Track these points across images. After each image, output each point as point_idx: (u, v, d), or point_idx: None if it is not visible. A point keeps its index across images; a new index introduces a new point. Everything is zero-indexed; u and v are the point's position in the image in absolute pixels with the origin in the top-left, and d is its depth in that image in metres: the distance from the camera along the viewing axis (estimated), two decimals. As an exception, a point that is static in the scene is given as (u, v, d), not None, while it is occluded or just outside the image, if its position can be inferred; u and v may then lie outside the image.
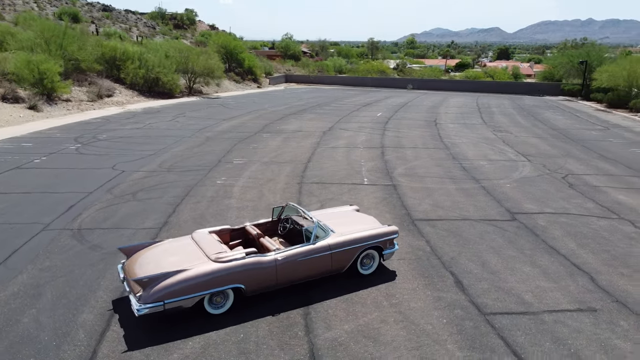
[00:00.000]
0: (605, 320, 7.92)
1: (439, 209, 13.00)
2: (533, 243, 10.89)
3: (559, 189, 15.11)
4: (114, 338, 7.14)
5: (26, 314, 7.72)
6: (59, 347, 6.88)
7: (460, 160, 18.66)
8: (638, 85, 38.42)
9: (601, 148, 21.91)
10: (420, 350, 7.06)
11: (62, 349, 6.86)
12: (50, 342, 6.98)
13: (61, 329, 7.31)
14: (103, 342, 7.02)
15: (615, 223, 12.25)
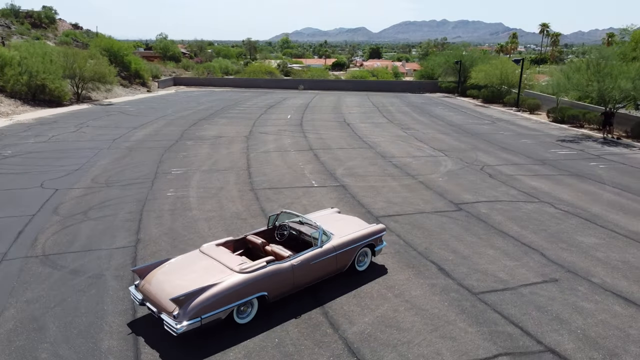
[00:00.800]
0: (567, 287, 9.52)
1: (394, 205, 14.14)
2: (484, 229, 12.43)
3: (483, 179, 17.12)
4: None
5: (40, 349, 7.31)
6: (104, 377, 6.69)
7: (389, 158, 20.11)
8: (508, 83, 43.64)
9: (498, 140, 24.89)
10: (439, 331, 7.98)
11: (108, 378, 6.68)
12: (91, 374, 6.75)
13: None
14: (147, 366, 6.95)
15: (539, 206, 14.36)
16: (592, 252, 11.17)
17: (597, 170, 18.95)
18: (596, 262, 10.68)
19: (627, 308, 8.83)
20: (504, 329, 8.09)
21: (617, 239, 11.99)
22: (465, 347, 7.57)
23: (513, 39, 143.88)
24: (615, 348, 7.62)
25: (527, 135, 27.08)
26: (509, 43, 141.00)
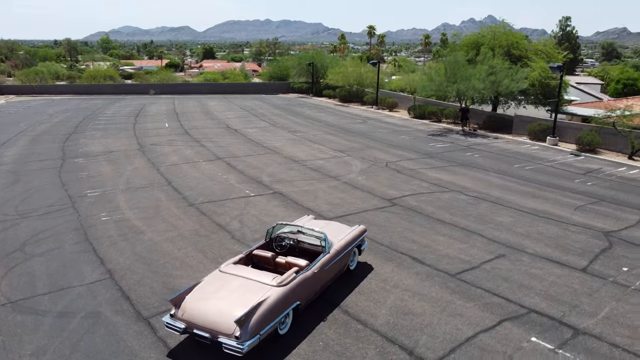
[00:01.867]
0: (514, 259, 11.65)
1: (337, 206, 15.22)
2: (424, 219, 14.22)
3: (394, 175, 19.11)
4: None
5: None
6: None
7: (300, 162, 21.05)
8: (363, 84, 47.43)
9: (381, 138, 27.46)
10: (447, 310, 9.34)
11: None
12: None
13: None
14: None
15: (453, 195, 16.72)
16: (514, 229, 13.62)
17: (476, 159, 22.36)
18: (521, 236, 13.10)
19: (563, 269, 11.20)
20: (491, 300, 9.75)
21: (524, 216, 14.72)
22: (474, 319, 9.02)
23: (343, 40, 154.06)
24: (572, 301, 9.77)
25: (401, 131, 30.26)
26: (341, 44, 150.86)
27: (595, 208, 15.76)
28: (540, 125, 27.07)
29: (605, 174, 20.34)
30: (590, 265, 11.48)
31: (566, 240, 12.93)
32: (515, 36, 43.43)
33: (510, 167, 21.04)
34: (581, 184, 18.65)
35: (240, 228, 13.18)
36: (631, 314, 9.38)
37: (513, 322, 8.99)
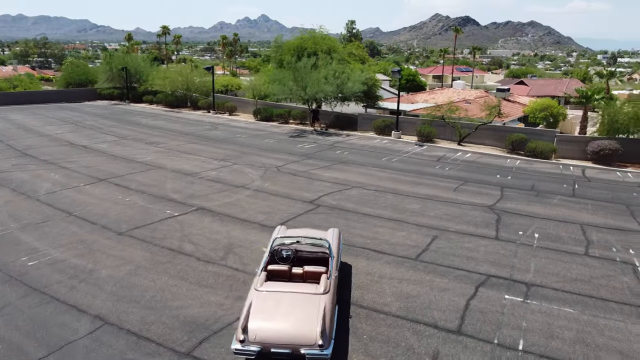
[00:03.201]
0: (447, 238, 14.12)
1: (270, 214, 15.85)
2: (354, 215, 15.87)
3: (293, 178, 20.31)
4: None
5: None
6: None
7: (193, 175, 20.61)
8: (189, 89, 46.61)
9: (249, 143, 28.15)
10: (435, 289, 11.18)
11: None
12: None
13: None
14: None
15: (357, 190, 18.74)
16: (426, 213, 16.22)
17: (348, 156, 24.86)
18: (436, 219, 15.73)
19: (484, 240, 14.06)
20: (457, 273, 11.94)
21: (425, 202, 17.49)
22: (458, 291, 11.05)
23: (134, 41, 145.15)
24: (508, 263, 12.56)
25: (260, 135, 31.32)
26: (134, 44, 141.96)
27: (466, 188, 19.46)
28: (384, 121, 31.07)
29: (451, 159, 24.80)
30: (498, 234, 14.57)
31: (468, 217, 15.97)
32: (332, 40, 47.99)
33: (380, 161, 24.05)
34: (441, 169, 22.52)
35: (197, 249, 12.97)
36: (549, 265, 12.51)
37: (484, 287, 11.25)
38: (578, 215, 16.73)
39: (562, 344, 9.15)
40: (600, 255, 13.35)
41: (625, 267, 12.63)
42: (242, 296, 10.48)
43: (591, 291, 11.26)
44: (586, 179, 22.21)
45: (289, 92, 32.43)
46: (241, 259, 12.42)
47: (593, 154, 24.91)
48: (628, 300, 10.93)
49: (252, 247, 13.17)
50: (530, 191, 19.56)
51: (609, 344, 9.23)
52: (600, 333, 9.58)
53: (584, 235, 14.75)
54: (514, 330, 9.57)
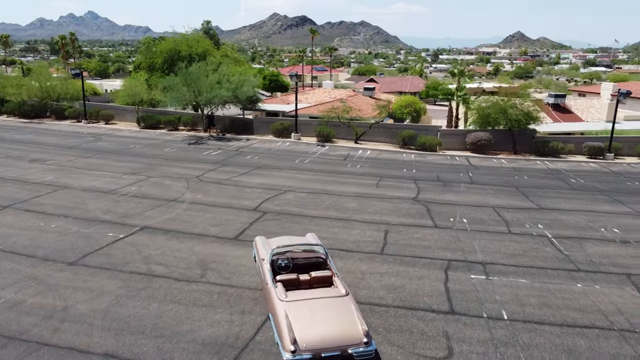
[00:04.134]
0: (397, 231, 15.52)
1: (223, 226, 15.71)
2: (303, 218, 16.49)
3: (221, 187, 20.13)
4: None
5: None
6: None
7: (108, 192, 19.12)
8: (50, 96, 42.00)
9: (151, 153, 26.76)
10: (413, 277, 12.43)
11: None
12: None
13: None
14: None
15: (294, 194, 19.32)
16: (366, 210, 17.50)
17: (261, 161, 25.17)
18: (377, 214, 17.09)
19: (426, 229, 15.76)
20: (423, 261, 13.35)
21: (359, 200, 18.82)
22: (433, 276, 12.44)
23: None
24: (459, 248, 14.34)
25: (156, 144, 29.87)
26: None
27: (385, 183, 21.24)
28: (282, 124, 31.77)
29: (357, 157, 26.54)
30: (435, 222, 16.41)
31: (402, 210, 17.62)
32: (206, 43, 47.18)
33: (294, 163, 24.84)
34: (354, 167, 24.11)
35: (170, 270, 12.51)
36: (489, 245, 14.59)
37: (451, 270, 12.82)
38: (485, 199, 19.41)
39: (534, 309, 10.98)
40: (520, 232, 15.86)
41: (543, 240, 15.23)
42: (247, 310, 10.59)
43: (530, 262, 13.47)
44: (474, 167, 25.56)
45: (183, 99, 31.37)
46: (221, 274, 12.31)
47: (471, 144, 28.62)
48: (559, 266, 13.33)
49: (225, 261, 13.08)
50: (437, 182, 22.00)
51: (565, 303, 11.31)
52: (554, 296, 11.65)
53: (499, 216, 17.28)
54: (493, 304, 11.19)
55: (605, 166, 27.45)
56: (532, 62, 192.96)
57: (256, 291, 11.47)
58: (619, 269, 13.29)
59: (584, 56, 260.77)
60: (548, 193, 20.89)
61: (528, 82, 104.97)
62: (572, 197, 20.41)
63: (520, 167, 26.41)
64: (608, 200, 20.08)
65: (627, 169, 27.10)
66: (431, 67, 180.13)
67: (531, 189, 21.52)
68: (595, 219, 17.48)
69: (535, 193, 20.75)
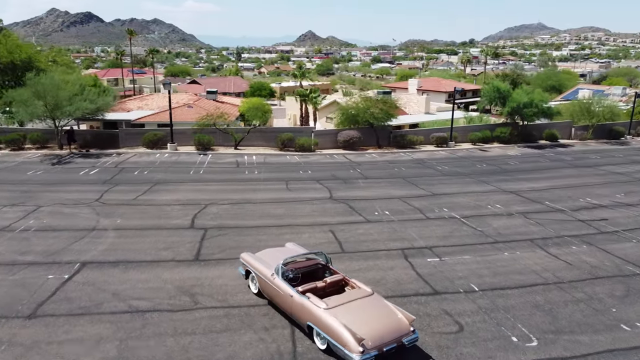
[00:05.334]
0: (349, 230, 16.83)
1: (174, 247, 15.02)
2: (251, 230, 16.64)
3: (140, 209, 18.81)
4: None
5: None
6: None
7: (13, 229, 16.54)
8: None
9: (19, 179, 23.19)
10: (388, 270, 13.93)
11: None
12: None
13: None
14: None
15: (227, 207, 19.13)
16: (299, 213, 18.37)
17: (154, 175, 23.87)
18: (310, 217, 18.09)
19: (367, 223, 17.34)
20: (383, 252, 14.91)
21: (287, 205, 19.52)
22: (401, 265, 14.08)
23: None
24: (402, 237, 16.27)
25: (10, 169, 25.72)
26: None
27: (295, 186, 22.26)
28: (155, 135, 30.09)
29: (248, 163, 26.92)
30: (365, 217, 18.11)
31: (330, 209, 18.95)
32: (29, 47, 41.64)
33: (191, 175, 24.23)
34: (252, 174, 24.51)
35: (155, 303, 11.75)
36: (422, 231, 16.82)
37: (410, 258, 14.60)
38: (388, 191, 21.82)
39: (490, 279, 13.35)
40: (435, 216, 18.48)
41: (456, 221, 18.05)
42: (268, 326, 10.79)
43: (461, 241, 16.00)
44: (357, 164, 28.05)
45: (37, 114, 27.42)
46: (214, 297, 12.08)
47: (344, 142, 31.15)
48: (481, 240, 16.13)
49: (205, 283, 12.77)
50: (337, 180, 23.78)
51: (507, 270, 13.94)
52: (496, 265, 14.23)
53: (410, 205, 19.76)
54: (461, 279, 13.26)
55: (452, 153, 32.55)
56: (329, 59, 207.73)
57: (260, 307, 11.62)
58: (522, 237, 16.62)
59: (369, 54, 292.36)
60: (429, 180, 24.26)
61: (334, 79, 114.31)
62: (448, 182, 24.07)
63: (391, 159, 29.77)
64: (475, 182, 24.23)
65: (468, 153, 32.56)
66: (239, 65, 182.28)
67: (414, 178, 24.69)
68: (478, 199, 21.13)
69: (420, 182, 23.91)
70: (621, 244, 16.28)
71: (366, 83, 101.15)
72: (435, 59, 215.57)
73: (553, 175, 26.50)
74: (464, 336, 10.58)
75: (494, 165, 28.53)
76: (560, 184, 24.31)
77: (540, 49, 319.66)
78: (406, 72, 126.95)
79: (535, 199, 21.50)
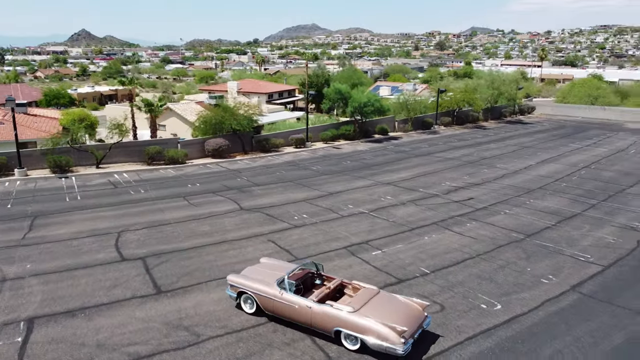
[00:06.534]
0: (291, 234, 17.49)
1: (117, 286, 13.83)
2: (191, 252, 16.20)
3: (37, 250, 16.47)
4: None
5: None
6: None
7: None
8: None
9: None
10: (348, 269, 15.22)
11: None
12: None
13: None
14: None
15: (142, 231, 17.82)
16: (226, 227, 18.31)
17: (28, 208, 20.66)
18: (240, 230, 18.23)
19: (306, 227, 18.24)
20: (331, 253, 16.15)
21: (206, 220, 19.13)
22: (357, 262, 15.52)
23: None
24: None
25: None
26: None
27: (196, 201, 21.74)
28: (-4, 160, 25.52)
29: (125, 182, 25.03)
30: (290, 223, 18.96)
31: (250, 220, 19.26)
32: None
33: (70, 202, 21.62)
34: (139, 194, 23.04)
35: (154, 345, 11.00)
36: (349, 228, 18.43)
37: (357, 254, 16.09)
38: (292, 195, 22.88)
39: (431, 261, 15.62)
40: (348, 213, 20.24)
41: (366, 215, 20.09)
42: (289, 340, 11.22)
43: (385, 233, 18.05)
44: (237, 171, 28.21)
45: None
46: (213, 325, 11.82)
47: (213, 151, 30.87)
48: (399, 230, 18.43)
49: (190, 314, 12.32)
50: (233, 190, 23.85)
51: (439, 251, 16.42)
52: (427, 248, 16.62)
53: (319, 206, 21.17)
54: (411, 266, 15.26)
55: (313, 153, 34.82)
56: (115, 60, 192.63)
57: (264, 325, 11.86)
58: (426, 222, 19.44)
59: (156, 54, 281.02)
60: (314, 181, 25.94)
61: (135, 83, 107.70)
62: (332, 181, 26.09)
63: (265, 164, 30.61)
64: (354, 178, 26.76)
65: (327, 152, 35.21)
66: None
67: (300, 180, 26.10)
68: (368, 193, 23.60)
69: (308, 183, 25.43)
70: (496, 216, 20.25)
71: (169, 85, 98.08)
72: (227, 59, 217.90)
73: (407, 165, 30.61)
74: (448, 312, 12.51)
75: (356, 161, 31.54)
76: (419, 172, 28.36)
77: (319, 49, 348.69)
78: (205, 73, 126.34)
79: (410, 187, 24.87)
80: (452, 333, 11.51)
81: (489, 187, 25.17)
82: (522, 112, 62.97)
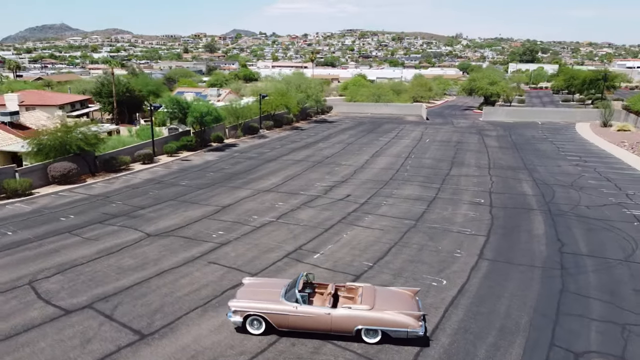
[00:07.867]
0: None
1: (95, 342, 12.62)
2: (154, 278, 15.22)
3: None
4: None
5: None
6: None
7: None
8: None
9: None
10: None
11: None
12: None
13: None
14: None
15: (91, 264, 15.68)
16: (147, 260, 17.50)
17: None
18: (164, 258, 17.66)
19: (226, 246, 18.47)
20: (269, 263, 17.11)
21: (120, 253, 17.79)
22: (307, 269, 16.82)
23: None
24: (264, 251, 18.52)
25: None
26: None
27: (90, 235, 19.78)
28: None
29: None
30: (216, 241, 19.02)
31: (171, 246, 18.63)
32: None
33: None
34: (16, 235, 19.82)
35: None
36: (276, 237, 19.41)
37: (304, 260, 17.34)
38: (188, 214, 22.35)
39: (367, 255, 17.79)
40: (259, 224, 21.02)
41: (278, 222, 21.20)
42: (313, 350, 12.10)
43: (307, 237, 19.55)
44: (102, 197, 25.79)
45: None
46: (228, 356, 11.95)
47: (60, 177, 27.38)
48: (320, 231, 20.17)
49: (196, 355, 12.14)
50: (123, 216, 22.10)
51: (364, 244, 18.69)
52: (355, 244, 18.72)
53: (224, 221, 21.42)
54: (354, 262, 17.14)
55: (166, 168, 33.42)
56: None
57: (280, 341, 12.36)
58: (332, 221, 21.48)
59: None
60: (196, 197, 25.54)
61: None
62: (213, 194, 26.04)
63: (132, 184, 28.36)
64: (230, 189, 27.15)
65: (180, 166, 34.18)
66: None
67: (182, 197, 25.41)
68: (258, 201, 24.51)
69: (192, 199, 24.93)
70: (381, 208, 23.44)
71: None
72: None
73: (269, 171, 32.08)
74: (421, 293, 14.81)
75: (218, 172, 31.64)
76: (285, 177, 30.18)
77: (76, 51, 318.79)
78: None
79: (290, 191, 26.59)
80: (431, 310, 13.81)
81: (353, 183, 28.43)
82: (323, 112, 69.76)
